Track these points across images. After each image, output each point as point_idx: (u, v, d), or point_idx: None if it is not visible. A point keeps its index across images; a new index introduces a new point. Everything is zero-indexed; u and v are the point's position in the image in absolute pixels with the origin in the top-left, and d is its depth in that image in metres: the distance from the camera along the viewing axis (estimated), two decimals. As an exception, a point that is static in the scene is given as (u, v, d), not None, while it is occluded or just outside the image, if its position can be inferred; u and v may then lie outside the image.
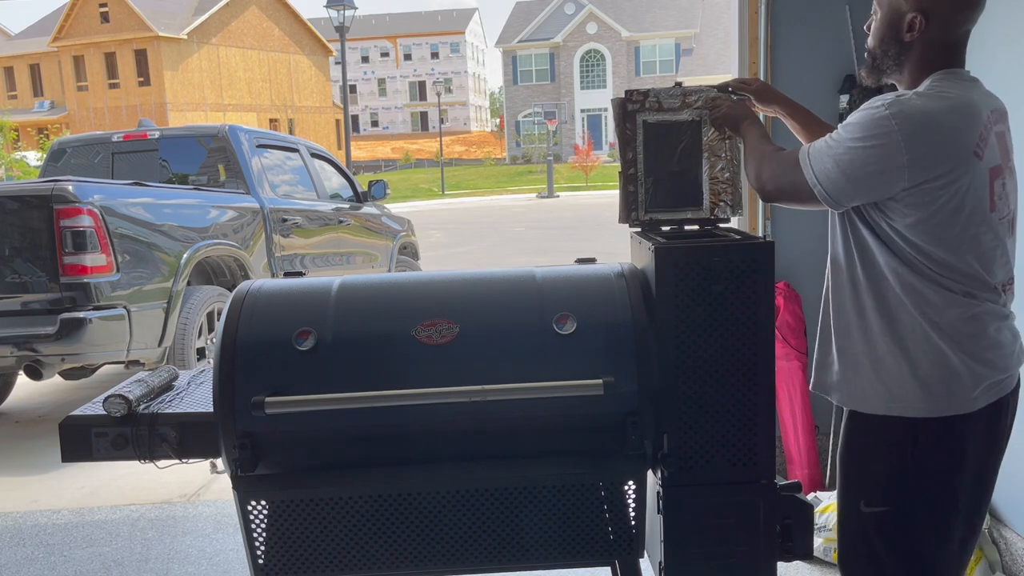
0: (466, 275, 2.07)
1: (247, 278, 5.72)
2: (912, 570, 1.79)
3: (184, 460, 1.99)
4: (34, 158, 24.85)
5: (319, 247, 6.89)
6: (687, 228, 2.12)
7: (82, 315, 4.58)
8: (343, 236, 7.22)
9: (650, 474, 2.01)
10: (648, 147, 2.06)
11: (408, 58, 64.44)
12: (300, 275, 2.18)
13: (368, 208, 7.78)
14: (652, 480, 2.02)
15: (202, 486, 4.20)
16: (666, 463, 1.89)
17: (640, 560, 2.06)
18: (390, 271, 7.87)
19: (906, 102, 1.65)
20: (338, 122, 47.30)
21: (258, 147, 6.48)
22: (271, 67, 43.53)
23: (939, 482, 1.75)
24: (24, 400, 6.01)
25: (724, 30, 35.75)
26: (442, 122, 51.61)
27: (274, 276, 6.10)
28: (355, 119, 60.44)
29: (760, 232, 3.49)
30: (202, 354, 5.42)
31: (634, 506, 1.99)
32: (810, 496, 3.27)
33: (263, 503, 1.95)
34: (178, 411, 2.00)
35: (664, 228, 2.11)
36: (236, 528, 2.61)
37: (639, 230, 2.13)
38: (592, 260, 2.18)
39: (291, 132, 37.69)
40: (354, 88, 61.37)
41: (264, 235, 6.13)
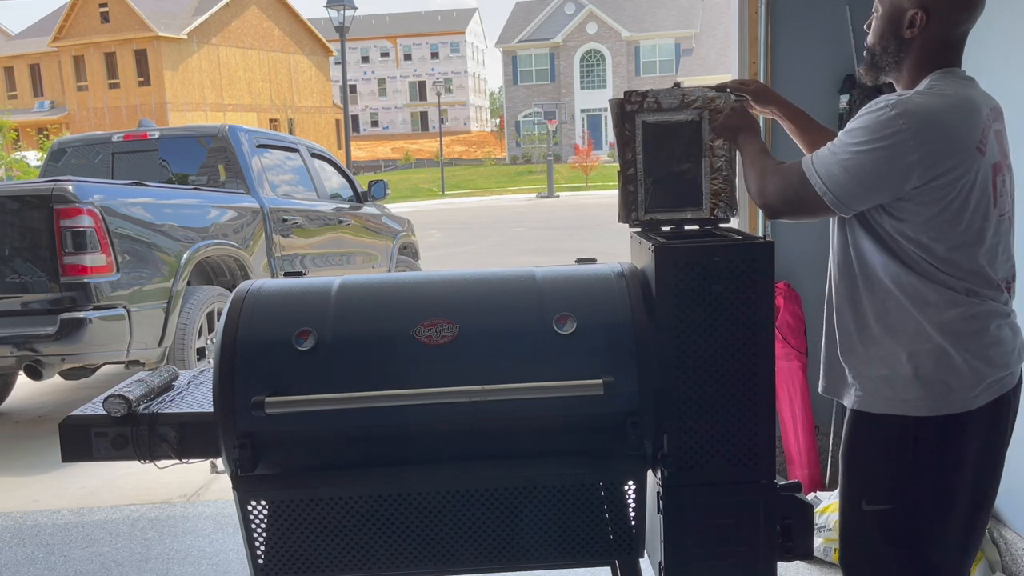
0: (466, 275, 2.07)
1: (247, 278, 5.71)
2: (915, 568, 1.79)
3: (184, 460, 2.00)
4: (34, 158, 24.85)
5: (319, 247, 6.88)
6: (687, 228, 2.12)
7: (82, 315, 4.58)
8: (343, 236, 7.22)
9: (650, 474, 2.01)
10: (647, 147, 2.06)
11: (408, 58, 64.44)
12: (300, 275, 2.18)
13: (368, 208, 7.78)
14: (652, 480, 2.02)
15: (202, 486, 4.20)
16: (666, 463, 1.89)
17: (640, 560, 2.06)
18: (390, 271, 7.87)
19: (910, 101, 1.66)
20: (338, 122, 47.30)
21: (258, 147, 6.48)
22: (271, 67, 43.53)
23: (941, 480, 1.75)
24: (24, 400, 6.00)
25: (724, 30, 35.75)
26: (442, 122, 51.61)
27: (274, 276, 6.10)
28: (355, 119, 60.44)
29: (760, 232, 3.49)
30: (202, 354, 5.42)
31: (634, 506, 1.99)
32: (810, 496, 3.27)
33: (263, 503, 1.95)
34: (178, 411, 2.01)
35: (664, 228, 2.11)
36: (236, 528, 2.61)
37: (639, 230, 2.13)
38: (592, 260, 2.18)
39: (291, 132, 37.69)
40: (354, 88, 61.36)
41: (264, 235, 6.13)
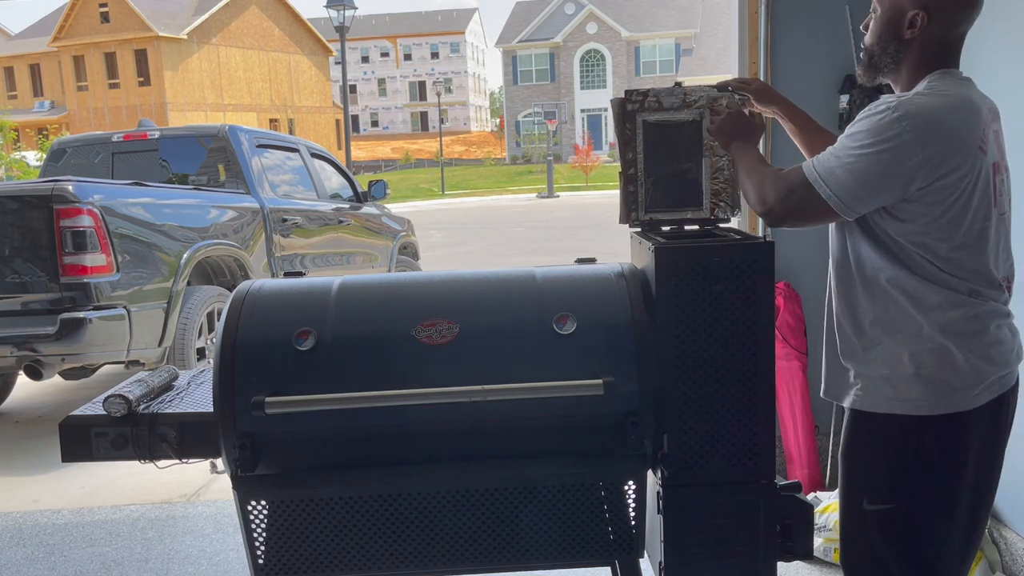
0: (466, 275, 2.07)
1: (247, 278, 5.71)
2: (915, 567, 1.79)
3: (184, 460, 2.00)
4: (34, 158, 24.84)
5: (319, 247, 6.88)
6: (687, 228, 2.12)
7: (82, 315, 4.58)
8: (343, 236, 7.22)
9: (650, 474, 2.01)
10: (648, 147, 2.05)
11: (408, 58, 64.43)
12: (300, 275, 2.18)
13: (368, 208, 7.78)
14: (652, 480, 2.02)
15: (202, 486, 4.20)
16: (666, 463, 1.89)
17: (640, 560, 2.06)
18: (390, 271, 7.87)
19: (911, 102, 1.66)
20: (338, 122, 47.30)
21: (258, 147, 6.48)
22: (271, 67, 43.54)
23: (942, 479, 1.75)
24: (24, 400, 6.00)
25: (724, 30, 35.74)
26: (442, 122, 51.60)
27: (274, 276, 6.10)
28: (355, 119, 60.44)
29: (760, 232, 3.49)
30: (202, 354, 5.41)
31: (634, 506, 1.99)
32: (810, 496, 3.27)
33: (263, 503, 1.95)
34: (178, 411, 2.01)
35: (664, 228, 2.11)
36: (236, 528, 2.61)
37: (639, 230, 2.13)
38: (592, 260, 2.18)
39: (291, 132, 37.70)
40: (354, 88, 61.35)
41: (264, 235, 6.13)
